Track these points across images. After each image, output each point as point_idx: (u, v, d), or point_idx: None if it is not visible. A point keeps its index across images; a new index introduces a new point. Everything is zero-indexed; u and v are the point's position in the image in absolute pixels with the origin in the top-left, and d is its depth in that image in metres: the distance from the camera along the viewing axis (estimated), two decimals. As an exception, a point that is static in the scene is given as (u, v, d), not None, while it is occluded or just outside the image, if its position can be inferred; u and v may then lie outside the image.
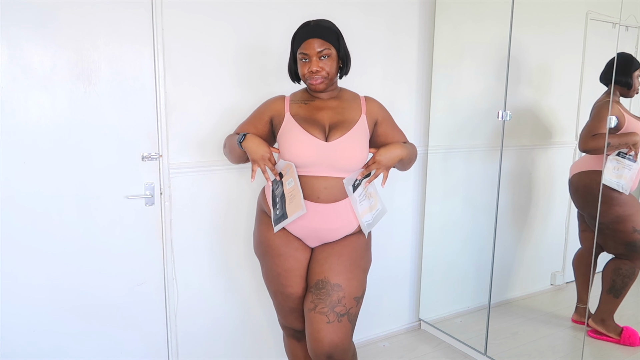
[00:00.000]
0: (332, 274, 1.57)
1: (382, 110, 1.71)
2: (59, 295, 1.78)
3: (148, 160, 1.87)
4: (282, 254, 1.63)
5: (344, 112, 1.63)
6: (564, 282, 2.73)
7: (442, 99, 2.52)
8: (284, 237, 1.64)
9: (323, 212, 1.59)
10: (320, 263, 1.61)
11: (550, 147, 2.61)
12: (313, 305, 1.55)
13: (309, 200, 1.58)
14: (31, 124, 1.66)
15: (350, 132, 1.58)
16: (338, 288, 1.55)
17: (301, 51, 1.56)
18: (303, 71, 1.57)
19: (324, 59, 1.55)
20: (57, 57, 1.66)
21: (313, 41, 1.54)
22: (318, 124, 1.59)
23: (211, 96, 1.97)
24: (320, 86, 1.58)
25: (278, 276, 1.65)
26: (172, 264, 1.98)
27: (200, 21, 1.89)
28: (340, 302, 1.54)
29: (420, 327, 2.74)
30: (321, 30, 1.55)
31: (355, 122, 1.61)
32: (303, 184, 1.58)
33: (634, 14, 2.07)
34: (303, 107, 1.63)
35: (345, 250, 1.61)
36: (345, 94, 1.70)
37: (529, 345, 2.42)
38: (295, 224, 1.61)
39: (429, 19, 2.48)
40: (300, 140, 1.56)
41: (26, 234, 1.70)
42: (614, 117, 2.07)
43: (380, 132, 1.69)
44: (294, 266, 1.63)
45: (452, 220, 2.64)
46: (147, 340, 1.98)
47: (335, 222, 1.61)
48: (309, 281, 1.62)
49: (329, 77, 1.57)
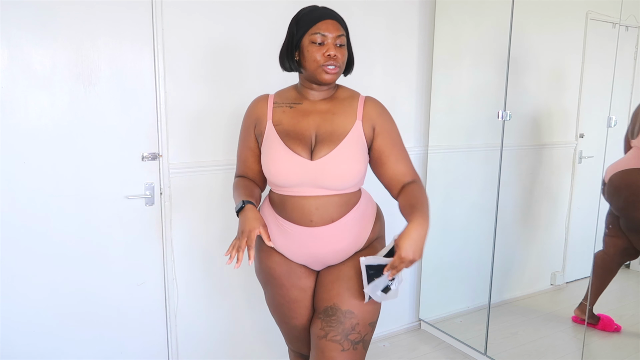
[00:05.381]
0: (342, 299, 1.37)
1: (382, 118, 1.41)
2: (58, 295, 1.78)
3: (148, 160, 1.87)
4: (284, 284, 1.46)
5: (335, 118, 1.38)
6: (564, 282, 2.73)
7: (442, 99, 2.52)
8: (285, 265, 1.46)
9: (320, 236, 1.39)
10: (327, 288, 1.41)
11: (550, 147, 2.61)
12: (324, 333, 1.36)
13: (300, 225, 1.39)
14: (31, 124, 1.66)
15: (339, 146, 1.34)
16: (350, 315, 1.36)
17: (317, 31, 1.32)
18: (315, 56, 1.32)
19: (340, 47, 1.34)
20: (57, 57, 1.66)
21: (332, 22, 1.33)
22: (303, 137, 1.36)
23: (211, 96, 1.97)
24: (333, 77, 1.35)
25: (281, 307, 1.49)
26: (172, 264, 1.98)
27: (200, 21, 1.89)
28: (355, 329, 1.36)
29: (420, 327, 2.74)
30: (337, 16, 1.37)
31: (346, 132, 1.36)
32: (292, 205, 1.38)
33: (634, 14, 2.07)
34: (287, 112, 1.40)
35: (354, 272, 1.40)
36: (342, 92, 1.45)
37: (529, 345, 2.42)
38: (295, 251, 1.43)
39: (429, 19, 2.48)
40: (281, 160, 1.35)
41: (26, 233, 1.70)
42: (613, 117, 2.07)
43: (376, 147, 1.39)
44: (298, 297, 1.46)
45: (452, 220, 2.64)
46: (147, 340, 1.98)
47: (336, 244, 1.41)
48: (316, 306, 1.44)
49: (340, 69, 1.36)
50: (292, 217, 1.39)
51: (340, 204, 1.38)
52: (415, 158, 2.57)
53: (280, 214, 1.42)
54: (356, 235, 1.42)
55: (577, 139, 2.53)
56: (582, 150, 2.51)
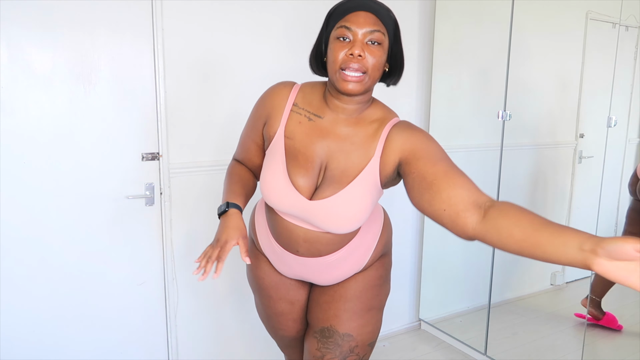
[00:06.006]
0: (339, 321, 1.27)
1: (416, 142, 1.09)
2: (58, 295, 1.78)
3: (148, 160, 1.87)
4: (271, 296, 1.38)
5: (352, 152, 1.14)
6: (564, 282, 2.73)
7: (442, 99, 2.52)
8: (275, 276, 1.36)
9: (310, 265, 1.26)
10: (323, 308, 1.31)
11: (550, 147, 2.61)
12: (320, 354, 1.28)
13: (287, 250, 1.26)
14: (31, 124, 1.66)
15: (346, 189, 1.13)
16: (349, 338, 1.27)
17: (343, 24, 1.07)
18: (336, 55, 1.07)
19: (372, 46, 1.07)
20: (57, 57, 1.66)
21: (366, 15, 1.07)
22: (310, 166, 1.16)
23: (211, 96, 1.96)
24: (355, 87, 1.07)
25: (269, 318, 1.45)
26: (172, 264, 1.98)
27: (200, 21, 1.89)
28: (353, 351, 1.28)
29: (420, 327, 2.74)
30: (376, 7, 1.09)
31: (358, 172, 1.13)
32: (281, 227, 1.24)
33: (634, 14, 2.07)
34: (304, 125, 1.17)
35: (353, 292, 1.29)
36: (372, 113, 1.17)
37: (529, 345, 2.42)
38: (285, 270, 1.33)
39: (429, 19, 2.48)
40: (277, 189, 1.17)
41: (26, 233, 1.70)
42: (613, 117, 2.07)
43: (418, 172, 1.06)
44: (285, 310, 1.39)
45: (452, 220, 2.63)
46: (147, 340, 1.98)
47: (328, 274, 1.29)
48: (310, 322, 1.35)
49: (369, 76, 1.08)
50: (280, 239, 1.26)
51: (333, 242, 1.22)
52: (415, 158, 2.57)
53: (270, 228, 1.30)
54: (354, 263, 1.29)
55: (577, 139, 2.53)
56: (582, 150, 2.51)
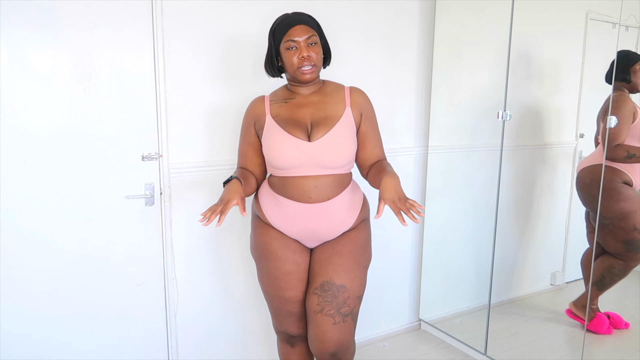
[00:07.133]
0: (336, 274, 1.56)
1: (368, 105, 1.64)
2: (58, 295, 1.78)
3: (148, 160, 1.87)
4: (280, 257, 1.61)
5: (327, 107, 1.58)
6: (564, 282, 2.73)
7: (442, 99, 2.52)
8: (281, 239, 1.63)
9: (317, 211, 1.57)
10: (323, 264, 1.59)
11: (550, 147, 2.61)
12: (319, 308, 1.55)
13: (300, 201, 1.57)
14: (31, 124, 1.65)
15: (334, 128, 1.54)
16: (343, 289, 1.55)
17: (288, 38, 1.51)
18: (291, 60, 1.52)
19: (312, 46, 1.52)
20: (57, 57, 1.66)
21: (300, 27, 1.51)
22: (300, 124, 1.56)
23: (211, 96, 1.97)
24: (312, 76, 1.53)
25: (276, 279, 1.62)
26: (172, 264, 1.98)
27: (200, 21, 1.89)
28: (346, 302, 1.55)
29: (420, 327, 2.74)
30: (304, 18, 1.54)
31: (339, 117, 1.57)
32: (292, 185, 1.56)
33: (634, 14, 2.07)
34: (283, 106, 1.59)
35: (346, 248, 1.60)
36: (328, 86, 1.65)
37: (529, 345, 2.42)
38: (292, 226, 1.60)
39: (429, 19, 2.48)
40: (282, 143, 1.53)
41: (26, 233, 1.69)
42: (614, 117, 2.07)
43: (362, 130, 1.63)
44: (292, 269, 1.61)
45: (452, 220, 2.64)
46: (147, 340, 1.98)
47: (331, 220, 1.59)
48: (311, 282, 1.61)
49: (317, 66, 1.54)
50: (292, 195, 1.57)
51: (335, 184, 1.58)
52: (415, 158, 2.57)
53: (279, 193, 1.59)
54: (347, 213, 1.61)
55: (577, 139, 2.53)
56: (582, 150, 2.50)
